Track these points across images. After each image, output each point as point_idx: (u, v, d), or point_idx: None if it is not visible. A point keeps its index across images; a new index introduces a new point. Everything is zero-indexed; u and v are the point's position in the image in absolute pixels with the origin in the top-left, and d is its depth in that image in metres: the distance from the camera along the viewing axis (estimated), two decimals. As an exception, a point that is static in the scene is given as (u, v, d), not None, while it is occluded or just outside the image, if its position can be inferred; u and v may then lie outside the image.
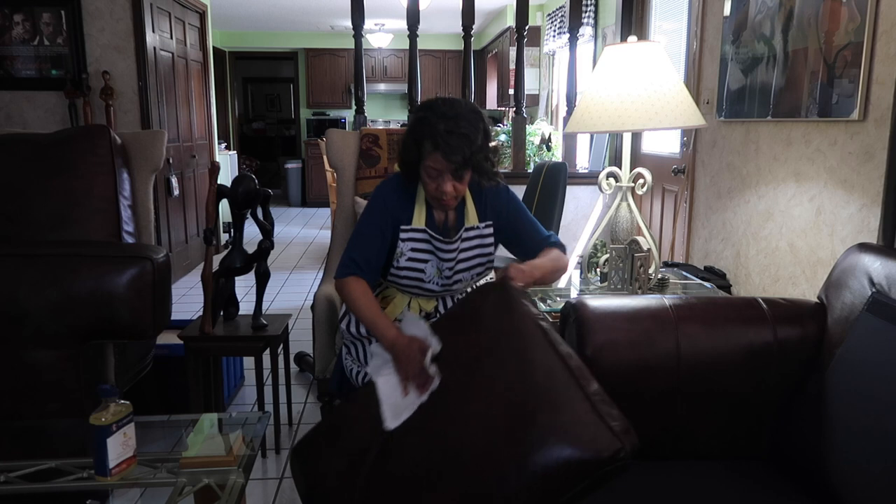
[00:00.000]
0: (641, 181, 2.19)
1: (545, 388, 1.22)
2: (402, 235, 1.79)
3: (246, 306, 2.82)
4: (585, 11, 4.79)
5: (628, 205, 2.19)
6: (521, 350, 1.32)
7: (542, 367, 1.26)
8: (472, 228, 1.82)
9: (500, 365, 1.32)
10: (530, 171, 3.82)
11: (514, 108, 4.28)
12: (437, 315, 1.86)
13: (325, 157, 6.57)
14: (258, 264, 2.48)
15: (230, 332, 2.41)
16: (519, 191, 3.64)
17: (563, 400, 1.18)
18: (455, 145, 1.62)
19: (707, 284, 2.41)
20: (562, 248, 1.85)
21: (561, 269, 1.80)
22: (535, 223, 1.88)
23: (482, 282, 1.87)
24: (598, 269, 2.34)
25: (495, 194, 1.84)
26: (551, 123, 6.52)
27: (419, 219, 1.80)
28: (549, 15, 6.37)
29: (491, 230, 1.83)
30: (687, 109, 2.00)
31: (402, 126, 4.92)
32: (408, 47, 4.10)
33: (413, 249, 1.79)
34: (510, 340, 1.36)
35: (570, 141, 4.32)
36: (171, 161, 4.95)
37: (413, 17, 3.97)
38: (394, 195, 1.81)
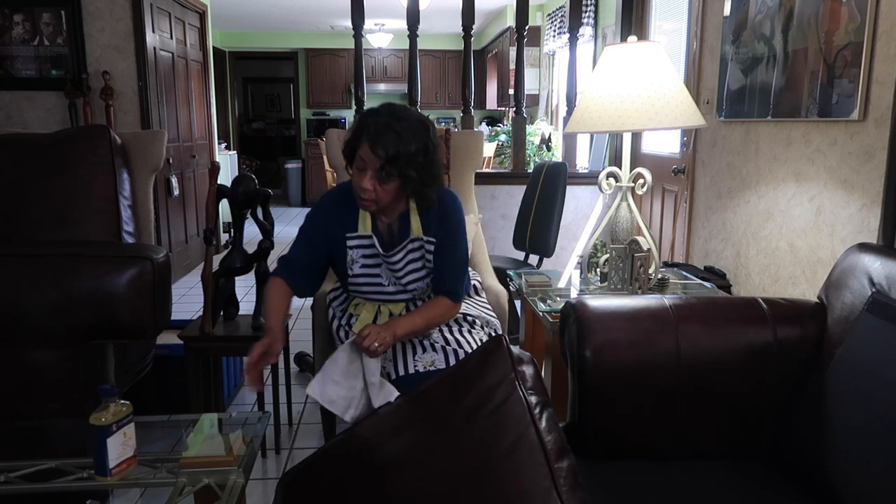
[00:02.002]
0: (641, 181, 2.19)
1: (509, 455, 1.21)
2: (350, 243, 1.80)
3: (246, 306, 2.82)
4: (585, 11, 4.79)
5: (628, 205, 2.19)
6: (498, 421, 1.31)
7: (513, 436, 1.25)
8: (416, 240, 1.80)
9: (472, 427, 1.32)
10: (530, 171, 3.82)
11: (514, 108, 4.28)
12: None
13: (325, 157, 6.57)
14: (258, 264, 2.47)
15: (230, 332, 2.41)
16: (519, 191, 3.66)
17: (525, 469, 1.18)
18: (384, 141, 1.61)
19: (707, 284, 2.40)
20: (455, 297, 1.84)
21: (437, 319, 1.81)
22: (457, 262, 1.84)
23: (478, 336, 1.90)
24: (598, 269, 2.34)
25: (445, 213, 1.80)
26: (551, 123, 6.52)
27: (364, 225, 1.80)
28: (549, 15, 6.37)
29: (433, 247, 1.81)
30: (687, 109, 2.00)
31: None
32: (408, 47, 4.10)
33: (364, 256, 1.81)
34: (493, 412, 1.34)
35: (570, 141, 4.32)
36: (171, 161, 4.95)
37: (413, 17, 3.97)
38: (334, 204, 1.82)
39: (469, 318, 1.90)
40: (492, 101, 8.50)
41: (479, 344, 1.80)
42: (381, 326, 1.71)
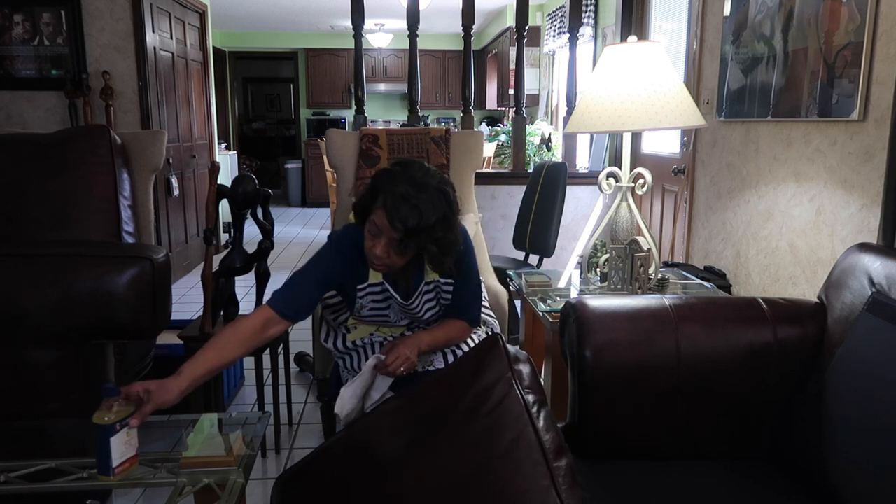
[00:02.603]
0: (641, 181, 2.19)
1: (508, 455, 1.21)
2: (360, 293, 1.73)
3: (246, 306, 2.82)
4: (585, 11, 4.79)
5: (628, 205, 2.19)
6: (496, 420, 1.30)
7: (511, 435, 1.25)
8: (431, 282, 1.75)
9: (471, 427, 1.31)
10: (530, 171, 3.82)
11: (514, 108, 4.28)
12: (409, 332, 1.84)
13: (325, 157, 6.57)
14: (258, 264, 2.47)
15: (230, 332, 2.41)
16: (519, 191, 3.66)
17: (524, 468, 1.17)
18: (402, 213, 1.50)
19: (707, 284, 2.40)
20: (472, 323, 1.82)
21: (457, 339, 1.79)
22: (473, 292, 1.81)
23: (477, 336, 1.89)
24: (598, 269, 2.34)
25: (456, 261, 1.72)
26: (551, 123, 6.52)
27: (375, 274, 1.71)
28: (549, 15, 6.37)
29: (451, 287, 1.77)
30: (687, 109, 2.00)
31: (402, 126, 4.93)
32: (408, 47, 4.10)
33: (374, 301, 1.75)
34: (491, 411, 1.33)
35: (570, 141, 4.32)
36: (171, 161, 4.95)
37: (413, 17, 3.97)
38: (343, 254, 1.71)
39: None
40: (492, 101, 8.50)
41: (476, 343, 1.80)
42: (406, 345, 1.65)
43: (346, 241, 1.72)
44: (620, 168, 2.20)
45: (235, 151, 8.74)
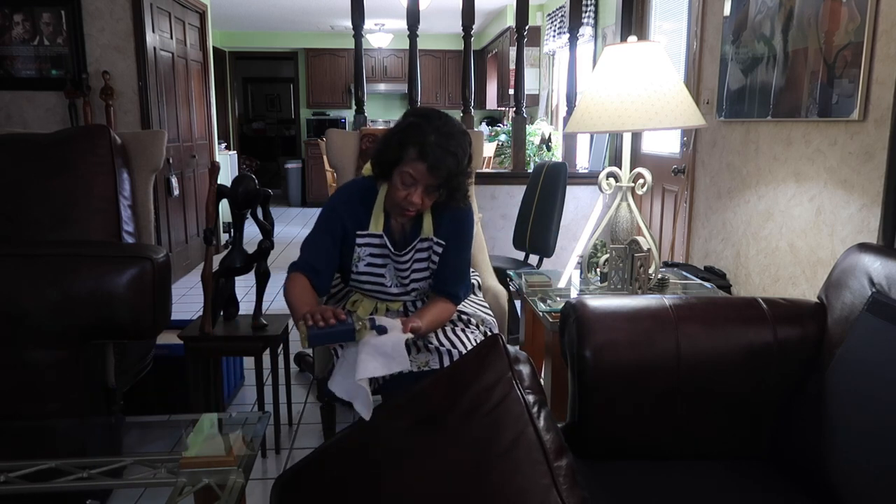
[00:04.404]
0: (641, 181, 2.19)
1: (508, 454, 1.21)
2: (359, 241, 1.82)
3: (246, 306, 2.82)
4: (585, 11, 4.79)
5: (628, 205, 2.19)
6: (496, 419, 1.30)
7: (512, 435, 1.25)
8: (426, 240, 1.83)
9: (471, 427, 1.31)
10: (530, 171, 3.82)
11: (514, 108, 4.28)
12: (408, 314, 1.88)
13: (325, 157, 6.58)
14: (258, 264, 2.47)
15: (230, 332, 2.41)
16: (519, 191, 3.66)
17: (524, 467, 1.17)
18: (446, 164, 1.64)
19: (707, 284, 2.40)
20: (455, 300, 1.87)
21: (446, 317, 1.85)
22: (460, 267, 1.88)
23: (472, 337, 1.90)
24: (598, 269, 2.34)
25: (457, 218, 1.83)
26: (551, 123, 6.52)
27: (376, 224, 1.81)
28: (549, 15, 6.37)
29: (441, 249, 1.84)
30: (687, 109, 2.00)
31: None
32: (408, 47, 4.10)
33: (371, 255, 1.82)
34: (491, 411, 1.34)
35: (570, 141, 4.32)
36: (171, 161, 4.95)
37: (413, 17, 3.97)
38: (350, 200, 1.83)
39: (464, 317, 1.91)
40: (492, 101, 8.50)
41: (474, 344, 1.81)
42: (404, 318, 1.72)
43: (352, 188, 1.86)
44: (620, 168, 2.20)
45: (235, 151, 8.73)
